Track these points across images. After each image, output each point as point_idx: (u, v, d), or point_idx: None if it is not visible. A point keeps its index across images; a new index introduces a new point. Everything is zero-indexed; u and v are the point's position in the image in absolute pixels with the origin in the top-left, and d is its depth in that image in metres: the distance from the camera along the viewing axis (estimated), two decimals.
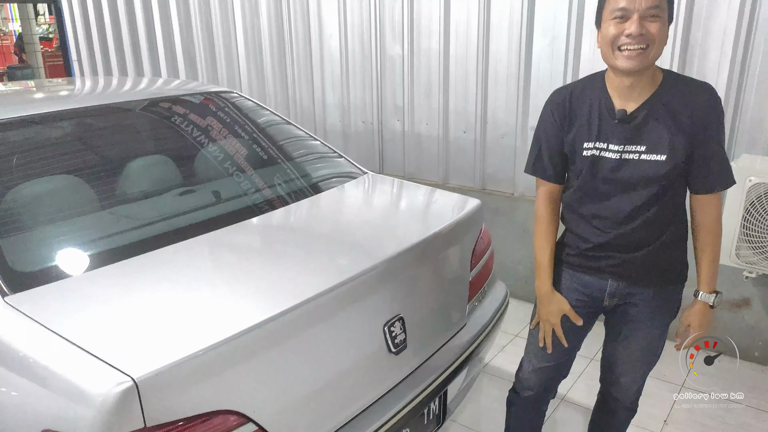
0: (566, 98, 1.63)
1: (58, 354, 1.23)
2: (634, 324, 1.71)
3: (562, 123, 1.63)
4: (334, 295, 1.48)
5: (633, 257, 1.62)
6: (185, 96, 2.39)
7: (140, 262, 1.58)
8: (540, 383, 1.87)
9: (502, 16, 3.20)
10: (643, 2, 1.42)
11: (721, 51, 2.62)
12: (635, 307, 1.68)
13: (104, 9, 5.14)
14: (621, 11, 1.44)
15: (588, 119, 1.59)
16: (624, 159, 1.55)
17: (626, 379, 1.80)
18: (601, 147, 1.57)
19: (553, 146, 1.66)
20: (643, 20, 1.43)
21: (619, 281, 1.66)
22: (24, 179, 1.76)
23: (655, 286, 1.65)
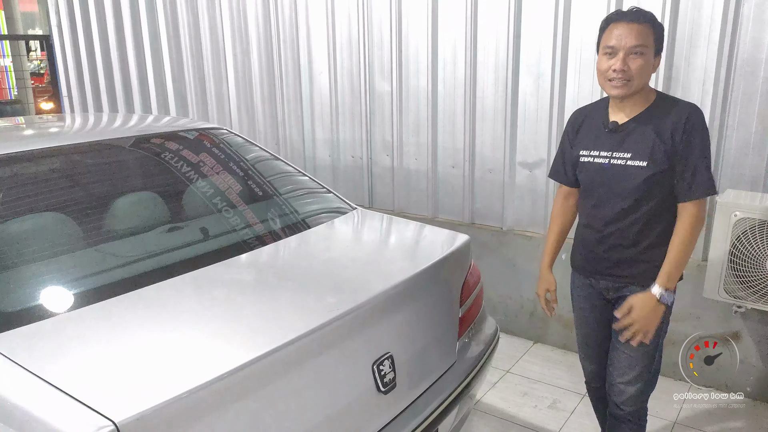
0: (579, 117, 1.96)
1: (38, 397, 1.20)
2: None
3: (572, 137, 1.96)
4: (322, 334, 1.46)
5: (623, 256, 1.84)
6: (174, 132, 2.40)
7: (125, 301, 1.55)
8: (594, 373, 2.12)
9: (488, 55, 3.26)
10: (628, 42, 1.69)
11: (702, 88, 2.68)
12: (624, 298, 1.86)
13: (96, 47, 5.20)
14: (610, 48, 1.72)
15: (589, 132, 1.89)
16: (612, 164, 1.80)
17: (624, 379, 1.93)
18: (595, 154, 1.85)
19: (567, 156, 1.98)
20: (628, 57, 1.70)
21: (610, 280, 1.90)
22: (9, 216, 1.75)
23: (643, 282, 1.82)
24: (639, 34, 1.68)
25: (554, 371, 3.11)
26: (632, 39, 1.68)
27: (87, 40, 5.27)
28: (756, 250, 2.36)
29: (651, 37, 1.70)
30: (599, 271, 1.92)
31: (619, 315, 1.84)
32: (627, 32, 1.68)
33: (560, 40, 3.01)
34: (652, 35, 1.70)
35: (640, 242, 1.82)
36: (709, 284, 2.48)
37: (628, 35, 1.68)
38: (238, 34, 4.28)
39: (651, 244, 1.82)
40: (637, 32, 1.68)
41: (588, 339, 2.08)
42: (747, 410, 2.72)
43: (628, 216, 1.80)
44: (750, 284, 2.40)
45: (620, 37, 1.69)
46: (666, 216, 1.80)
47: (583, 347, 2.12)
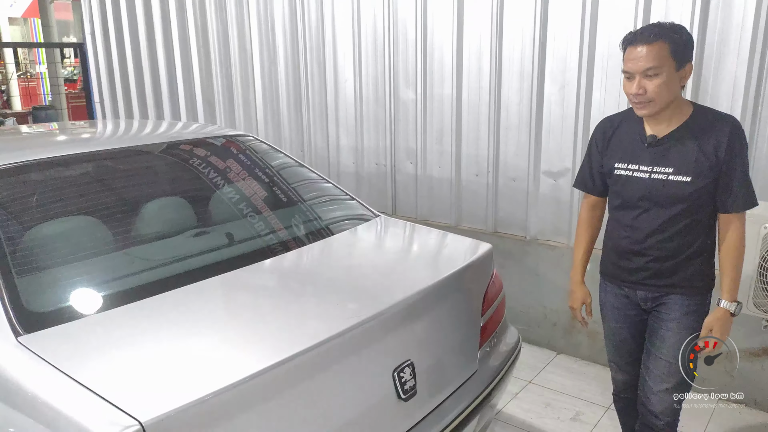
0: (608, 127, 1.94)
1: (67, 395, 1.23)
2: (665, 324, 1.88)
3: (602, 147, 1.94)
4: (344, 340, 1.48)
5: (662, 267, 1.84)
6: (202, 139, 2.45)
7: (153, 304, 1.59)
8: (631, 378, 2.07)
9: (513, 63, 3.26)
10: (640, 65, 1.69)
11: (732, 99, 2.64)
12: (665, 306, 1.88)
13: (128, 55, 5.32)
14: (626, 73, 1.74)
15: (623, 144, 1.87)
16: (653, 179, 1.79)
17: (660, 388, 1.91)
18: (634, 167, 1.83)
19: (594, 165, 1.98)
20: (643, 79, 1.70)
21: (647, 290, 1.90)
22: (43, 220, 1.80)
23: (681, 290, 1.85)
24: (649, 55, 1.67)
25: (577, 383, 3.08)
26: (642, 62, 1.68)
27: (119, 47, 5.40)
28: None
29: (666, 53, 1.67)
30: (637, 281, 1.90)
31: (700, 341, 1.85)
32: (638, 56, 1.68)
33: (587, 47, 2.99)
34: (667, 51, 1.67)
35: (681, 253, 1.82)
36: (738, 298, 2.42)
37: (638, 59, 1.68)
38: (265, 43, 4.35)
39: (691, 254, 1.83)
40: (646, 54, 1.67)
41: (620, 350, 2.06)
42: (747, 410, 2.66)
43: (669, 228, 1.81)
44: None
45: (633, 61, 1.70)
46: (705, 227, 1.82)
47: (615, 358, 2.10)
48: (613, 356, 2.10)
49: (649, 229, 1.83)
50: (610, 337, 2.08)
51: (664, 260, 1.84)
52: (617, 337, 2.05)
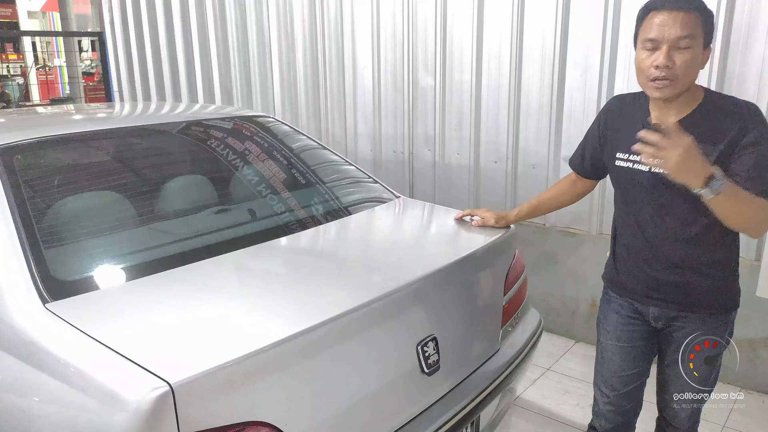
0: (616, 106, 1.72)
1: (96, 359, 1.24)
2: (680, 347, 1.67)
3: (604, 129, 1.73)
4: (368, 310, 1.47)
5: (673, 280, 1.61)
6: (226, 119, 2.46)
7: (178, 274, 1.60)
8: (616, 415, 1.82)
9: (535, 49, 3.23)
10: (673, 33, 1.42)
11: (759, 82, 2.59)
12: (681, 330, 1.66)
13: (146, 43, 5.35)
14: (651, 42, 1.46)
15: (627, 131, 1.61)
16: (654, 172, 1.54)
17: (678, 403, 1.75)
18: (635, 159, 1.59)
19: (589, 146, 1.81)
20: (672, 51, 1.44)
21: (660, 305, 1.66)
22: (68, 194, 1.81)
23: (699, 311, 1.62)
24: (685, 23, 1.42)
25: None
26: (677, 29, 1.42)
27: (138, 36, 5.43)
28: None
29: (699, 27, 1.44)
30: (650, 295, 1.66)
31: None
32: (671, 21, 1.42)
33: (610, 32, 2.96)
34: (700, 24, 1.44)
35: (698, 263, 1.58)
36: (764, 282, 2.40)
37: (672, 25, 1.42)
38: (283, 29, 4.35)
39: (710, 264, 1.58)
40: (682, 21, 1.42)
41: (616, 373, 1.77)
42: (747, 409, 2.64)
43: (679, 233, 1.57)
44: None
45: (663, 27, 1.43)
46: (725, 234, 1.55)
47: (606, 384, 1.80)
48: (605, 381, 1.80)
49: (657, 233, 1.59)
50: (606, 359, 1.79)
51: (680, 272, 1.59)
52: (617, 358, 1.76)
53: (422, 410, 1.60)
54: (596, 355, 1.85)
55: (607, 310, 1.79)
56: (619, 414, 1.81)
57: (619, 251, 1.74)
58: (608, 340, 1.78)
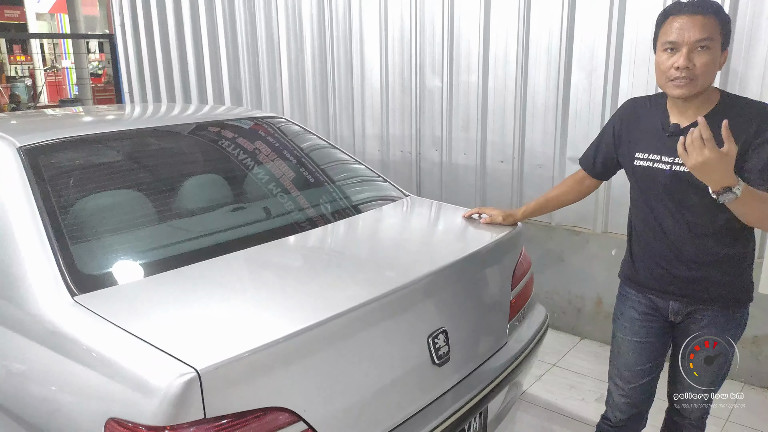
0: (632, 110, 1.78)
1: (125, 347, 1.31)
2: (696, 340, 1.73)
3: (620, 130, 1.79)
4: (382, 303, 1.53)
5: (693, 275, 1.67)
6: (239, 120, 2.53)
7: (198, 269, 1.66)
8: (630, 406, 1.88)
9: (540, 51, 3.29)
10: (692, 36, 1.51)
11: (762, 82, 2.64)
12: (698, 323, 1.72)
13: (156, 44, 5.43)
14: (671, 44, 1.54)
15: (645, 132, 1.70)
16: (675, 171, 1.61)
17: (689, 394, 1.82)
18: (654, 158, 1.66)
19: (603, 146, 1.86)
20: (692, 53, 1.52)
21: (680, 300, 1.72)
22: (92, 192, 1.88)
23: (717, 304, 1.69)
24: (704, 26, 1.50)
25: (601, 366, 3.08)
26: (696, 32, 1.50)
27: (148, 38, 5.52)
28: None
29: (717, 30, 1.52)
30: (668, 290, 1.71)
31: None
32: (690, 25, 1.50)
33: (615, 34, 3.01)
34: (718, 28, 1.52)
35: (717, 259, 1.63)
36: (767, 279, 2.45)
37: (691, 28, 1.50)
38: (292, 32, 4.42)
39: (727, 260, 1.64)
40: (701, 24, 1.50)
41: (631, 368, 1.83)
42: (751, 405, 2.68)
43: (697, 229, 1.62)
44: None
45: (682, 30, 1.51)
46: (741, 230, 1.61)
47: (621, 377, 1.86)
48: (621, 375, 1.86)
49: (677, 230, 1.65)
50: (623, 353, 1.85)
51: (699, 268, 1.65)
52: (633, 353, 1.82)
53: (433, 400, 1.66)
54: (612, 349, 1.91)
55: (624, 306, 1.84)
56: (633, 406, 1.87)
57: (636, 249, 1.80)
58: (625, 335, 1.84)
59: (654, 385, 1.87)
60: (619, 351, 1.87)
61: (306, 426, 1.35)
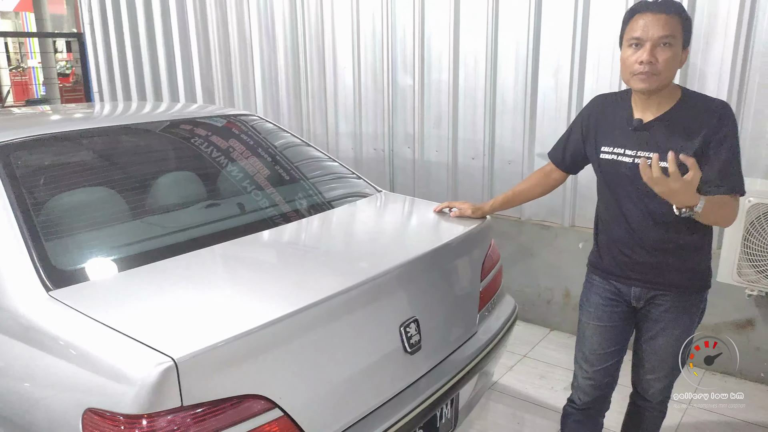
0: (599, 105, 1.86)
1: (101, 339, 1.33)
2: (656, 324, 1.83)
3: (588, 125, 1.86)
4: (356, 292, 1.58)
5: (653, 261, 1.76)
6: (213, 118, 2.55)
7: (171, 263, 1.68)
8: (594, 389, 1.96)
9: (509, 51, 3.37)
10: (655, 32, 1.60)
11: (719, 79, 2.76)
12: (658, 307, 1.81)
13: (127, 44, 5.38)
14: (636, 40, 1.63)
15: (611, 126, 1.79)
16: (637, 164, 1.66)
17: (651, 377, 1.92)
18: (618, 152, 1.75)
19: (572, 140, 1.93)
20: (655, 48, 1.60)
21: (642, 286, 1.80)
22: (64, 189, 1.88)
23: (676, 290, 1.77)
24: (667, 24, 1.59)
25: (570, 357, 3.09)
26: (659, 29, 1.58)
27: (118, 37, 5.46)
28: None
29: (679, 29, 1.61)
30: (630, 276, 1.80)
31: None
32: (654, 22, 1.59)
33: (579, 34, 3.11)
34: (680, 26, 1.61)
35: (676, 246, 1.72)
36: (724, 268, 2.56)
37: (655, 25, 1.59)
38: (264, 30, 4.43)
39: (688, 248, 1.73)
40: (664, 22, 1.59)
41: (596, 351, 1.91)
42: (732, 379, 2.78)
43: (658, 218, 1.71)
44: (763, 268, 2.47)
45: (647, 27, 1.60)
46: None
47: (586, 360, 1.94)
48: (586, 358, 1.94)
49: (639, 218, 1.74)
50: (587, 337, 1.93)
51: (659, 254, 1.74)
52: (597, 337, 1.90)
53: (406, 387, 1.71)
54: (578, 334, 1.99)
55: (590, 292, 1.92)
56: (597, 388, 1.95)
57: (602, 238, 1.88)
58: (589, 320, 1.92)
59: (617, 368, 1.95)
60: (584, 335, 1.95)
61: (282, 413, 1.38)
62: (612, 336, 1.89)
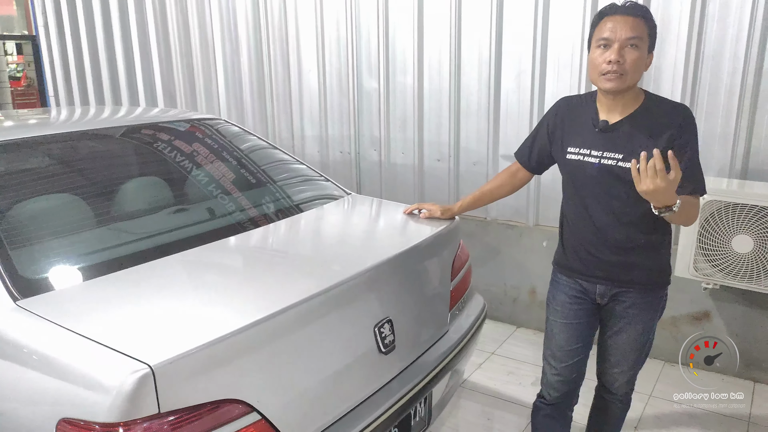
0: (564, 107, 1.91)
1: (74, 348, 1.31)
2: (620, 320, 1.89)
3: (554, 126, 1.91)
4: (330, 295, 1.59)
5: (618, 260, 1.81)
6: (179, 122, 2.52)
7: (141, 270, 1.67)
8: (563, 384, 2.00)
9: (472, 54, 3.43)
10: (623, 33, 1.65)
11: (672, 83, 2.87)
12: (622, 304, 1.87)
13: (83, 45, 5.25)
14: (604, 40, 1.68)
15: (577, 128, 1.84)
16: (603, 164, 1.75)
17: (616, 370, 1.98)
18: (584, 153, 1.80)
19: (538, 141, 1.97)
20: (623, 49, 1.66)
21: (606, 283, 1.86)
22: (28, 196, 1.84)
23: (639, 287, 1.84)
24: (634, 26, 1.65)
25: (537, 353, 3.25)
26: (627, 30, 1.64)
27: (74, 39, 5.32)
28: (722, 230, 2.55)
29: (645, 32, 1.67)
30: (595, 274, 1.85)
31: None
32: (622, 24, 1.65)
33: (540, 38, 3.19)
34: (646, 30, 1.68)
35: (639, 244, 1.78)
36: (681, 263, 2.66)
37: (623, 27, 1.65)
38: (227, 32, 4.39)
39: (649, 246, 1.79)
40: (632, 24, 1.65)
41: (563, 348, 1.95)
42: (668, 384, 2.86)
43: (623, 217, 1.76)
44: (717, 262, 2.59)
45: (615, 29, 1.65)
46: (662, 220, 1.71)
47: (554, 357, 1.98)
48: (554, 355, 1.99)
49: (604, 218, 1.78)
50: (555, 335, 1.97)
51: (622, 252, 1.79)
52: (564, 334, 1.95)
53: (381, 386, 1.73)
54: (545, 332, 2.03)
55: (556, 291, 1.97)
56: (565, 383, 2.00)
57: (567, 237, 1.93)
58: (556, 317, 1.97)
59: (584, 363, 2.01)
60: (551, 333, 2.00)
61: (259, 416, 1.39)
62: (578, 333, 1.94)
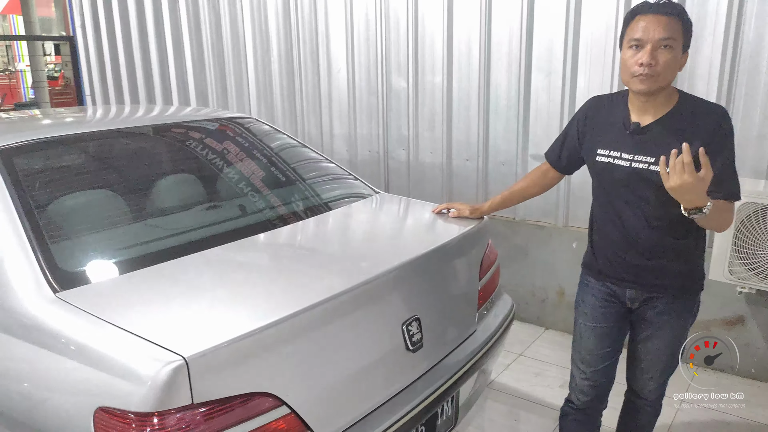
0: (595, 107, 1.86)
1: (111, 339, 1.34)
2: (651, 325, 1.84)
3: (584, 127, 1.86)
4: (358, 293, 1.61)
5: (648, 264, 1.76)
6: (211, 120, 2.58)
7: (177, 265, 1.70)
8: (592, 389, 1.97)
9: (502, 52, 3.41)
10: (656, 34, 1.59)
11: (707, 81, 2.82)
12: (654, 309, 1.82)
13: (119, 47, 5.38)
14: (636, 41, 1.62)
15: (607, 129, 1.79)
16: (633, 168, 1.69)
17: (646, 376, 1.94)
18: (615, 155, 1.74)
19: (568, 141, 1.94)
20: (655, 50, 1.59)
21: (636, 288, 1.81)
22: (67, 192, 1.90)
23: (671, 292, 1.79)
24: (667, 26, 1.58)
25: (565, 354, 3.20)
26: (660, 31, 1.58)
27: (110, 39, 5.45)
28: (759, 233, 2.49)
29: (680, 31, 1.60)
30: (624, 278, 1.81)
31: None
32: (655, 24, 1.58)
33: (571, 36, 3.15)
34: (681, 29, 1.60)
35: (671, 249, 1.73)
36: (715, 266, 2.61)
37: (656, 27, 1.58)
38: (258, 32, 4.45)
39: (681, 251, 1.74)
40: (665, 24, 1.58)
41: (592, 352, 1.92)
42: (724, 375, 2.82)
43: (653, 221, 1.71)
44: (754, 266, 2.53)
45: (647, 29, 1.59)
46: (695, 224, 1.66)
47: (584, 362, 1.95)
48: (583, 359, 1.95)
49: (635, 222, 1.74)
50: (584, 338, 1.93)
51: (654, 257, 1.74)
52: (593, 338, 1.91)
53: (408, 384, 1.74)
54: (574, 335, 2.00)
55: (585, 294, 1.93)
56: (595, 388, 1.96)
57: (596, 239, 1.88)
58: (586, 321, 1.92)
59: (614, 368, 1.98)
60: (580, 337, 1.96)
61: (289, 410, 1.41)
62: (608, 337, 1.90)
